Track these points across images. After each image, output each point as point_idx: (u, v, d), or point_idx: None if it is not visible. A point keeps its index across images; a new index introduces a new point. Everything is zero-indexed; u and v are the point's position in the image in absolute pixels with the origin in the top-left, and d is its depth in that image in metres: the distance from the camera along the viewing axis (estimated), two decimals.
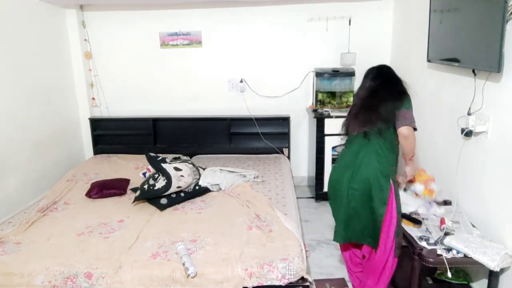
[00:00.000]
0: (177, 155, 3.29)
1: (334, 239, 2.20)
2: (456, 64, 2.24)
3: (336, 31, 3.77)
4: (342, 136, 2.69)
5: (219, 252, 2.02)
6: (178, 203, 2.67)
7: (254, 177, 3.12)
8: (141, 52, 3.94)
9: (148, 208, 2.61)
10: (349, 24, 3.71)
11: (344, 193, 2.07)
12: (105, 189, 2.86)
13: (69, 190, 2.99)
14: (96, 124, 4.04)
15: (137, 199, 2.66)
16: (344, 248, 2.36)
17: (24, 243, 2.18)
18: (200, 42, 3.89)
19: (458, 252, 1.89)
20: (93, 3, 3.71)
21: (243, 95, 3.96)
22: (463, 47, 2.17)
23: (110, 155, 3.90)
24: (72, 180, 3.19)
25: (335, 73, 3.66)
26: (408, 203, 2.25)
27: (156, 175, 2.71)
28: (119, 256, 2.01)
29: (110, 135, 4.07)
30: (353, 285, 2.39)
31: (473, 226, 2.13)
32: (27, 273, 1.90)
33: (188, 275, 1.83)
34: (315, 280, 2.39)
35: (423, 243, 1.99)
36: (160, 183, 2.62)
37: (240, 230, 2.25)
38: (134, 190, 2.90)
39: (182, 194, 2.71)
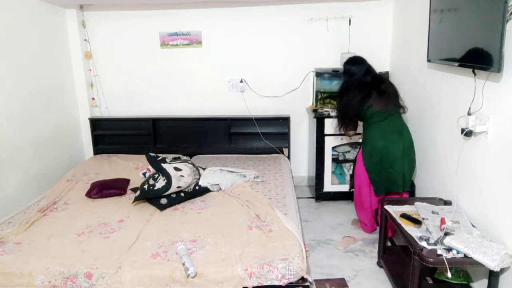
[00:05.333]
0: (177, 155, 3.29)
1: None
2: (456, 64, 2.24)
3: (336, 31, 3.76)
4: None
5: (219, 252, 2.02)
6: (178, 203, 2.67)
7: (254, 177, 3.12)
8: (141, 52, 3.94)
9: (148, 208, 2.61)
10: (349, 24, 3.71)
11: None
12: (105, 189, 2.86)
13: (69, 190, 2.99)
14: (96, 124, 4.04)
15: (137, 199, 2.66)
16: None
17: (24, 243, 2.18)
18: (200, 42, 3.89)
19: (458, 252, 1.89)
20: (93, 3, 3.71)
21: (243, 95, 3.96)
22: (463, 47, 2.17)
23: (110, 155, 3.90)
24: (72, 180, 3.19)
25: (335, 73, 3.65)
26: None
27: (156, 175, 2.71)
28: (119, 256, 2.00)
29: (110, 135, 4.07)
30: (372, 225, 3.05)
31: (473, 226, 2.13)
32: (27, 273, 1.90)
33: (188, 275, 1.83)
34: (315, 280, 2.39)
35: (423, 243, 1.99)
36: (160, 183, 2.62)
37: (240, 230, 2.25)
38: (134, 190, 2.90)
39: (182, 194, 2.71)
